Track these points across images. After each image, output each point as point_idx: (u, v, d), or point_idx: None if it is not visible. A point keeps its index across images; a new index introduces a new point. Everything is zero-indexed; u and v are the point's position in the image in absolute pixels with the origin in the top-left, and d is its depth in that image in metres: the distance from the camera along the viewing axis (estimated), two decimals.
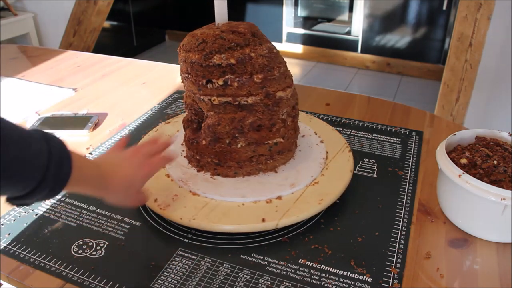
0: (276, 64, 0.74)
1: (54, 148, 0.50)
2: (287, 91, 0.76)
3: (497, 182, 0.65)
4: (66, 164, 0.51)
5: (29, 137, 0.49)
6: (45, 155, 0.49)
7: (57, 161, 0.50)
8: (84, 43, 2.74)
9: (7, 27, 2.58)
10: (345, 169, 0.78)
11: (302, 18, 3.52)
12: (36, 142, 0.49)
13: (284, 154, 0.80)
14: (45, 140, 0.50)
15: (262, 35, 0.75)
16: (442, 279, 0.61)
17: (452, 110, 2.08)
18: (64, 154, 0.51)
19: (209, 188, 0.74)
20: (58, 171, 0.50)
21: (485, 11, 1.83)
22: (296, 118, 0.81)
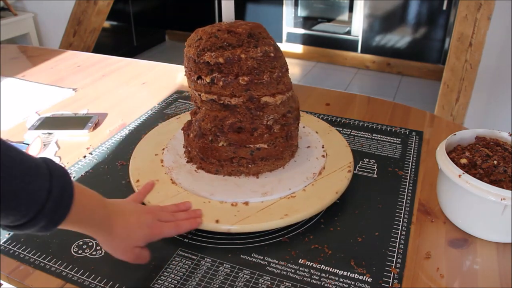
0: (268, 68, 0.72)
1: (57, 187, 0.48)
2: (276, 97, 0.73)
3: (497, 182, 0.65)
4: (65, 206, 0.49)
5: (34, 170, 0.47)
6: (44, 193, 0.47)
7: (55, 201, 0.48)
8: (84, 43, 2.74)
9: (7, 27, 2.58)
10: (330, 190, 0.73)
11: (302, 18, 3.52)
12: (39, 177, 0.47)
13: (270, 162, 0.77)
14: (50, 175, 0.48)
15: (264, 38, 0.73)
16: (442, 279, 0.61)
17: (452, 110, 2.08)
18: (66, 195, 0.49)
19: (187, 180, 0.76)
20: (54, 212, 0.48)
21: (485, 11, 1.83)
22: (289, 127, 0.77)
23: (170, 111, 1.10)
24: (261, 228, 0.67)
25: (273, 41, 0.76)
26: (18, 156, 0.46)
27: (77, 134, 0.98)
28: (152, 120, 1.05)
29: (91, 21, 2.65)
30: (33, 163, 0.47)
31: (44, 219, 0.47)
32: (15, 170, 0.45)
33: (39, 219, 0.47)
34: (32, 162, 0.47)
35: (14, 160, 0.45)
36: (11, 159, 0.45)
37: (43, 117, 1.03)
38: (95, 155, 0.91)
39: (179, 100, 1.16)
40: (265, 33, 0.75)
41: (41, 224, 0.48)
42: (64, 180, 0.50)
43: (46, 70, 1.38)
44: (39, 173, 0.47)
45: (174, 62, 1.50)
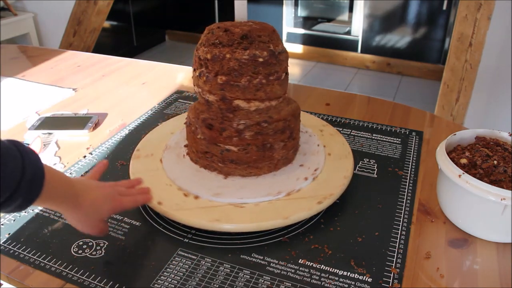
0: (249, 73, 0.71)
1: (29, 165, 0.51)
2: (250, 103, 0.72)
3: (497, 182, 0.65)
4: (38, 183, 0.52)
5: (6, 150, 0.49)
6: (18, 172, 0.49)
7: (29, 179, 0.50)
8: (84, 43, 2.74)
9: (7, 27, 2.58)
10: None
11: (302, 18, 3.52)
12: (12, 158, 0.49)
13: (241, 166, 0.76)
14: (21, 156, 0.50)
15: (261, 42, 0.71)
16: (442, 279, 0.61)
17: (452, 110, 2.08)
18: (38, 172, 0.52)
19: (170, 162, 0.82)
20: (29, 189, 0.51)
21: (485, 11, 1.83)
22: (265, 138, 0.74)
23: (170, 111, 1.10)
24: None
25: (275, 47, 0.72)
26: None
27: (77, 134, 0.98)
28: (152, 120, 1.05)
29: (91, 21, 2.65)
30: (3, 145, 0.49)
31: (20, 198, 0.50)
32: None
33: (15, 198, 0.49)
34: (2, 144, 0.49)
35: None
36: None
37: (43, 117, 1.03)
38: (95, 155, 0.91)
39: (179, 100, 1.16)
40: (266, 37, 0.72)
41: (17, 203, 0.50)
42: (35, 159, 0.52)
43: (46, 70, 1.38)
44: (10, 154, 0.49)
45: (174, 62, 1.50)
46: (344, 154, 0.83)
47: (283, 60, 0.75)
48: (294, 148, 0.81)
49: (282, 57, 0.75)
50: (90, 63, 1.43)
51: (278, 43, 0.74)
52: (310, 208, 0.70)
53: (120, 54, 1.62)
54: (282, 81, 0.75)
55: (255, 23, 0.74)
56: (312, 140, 0.88)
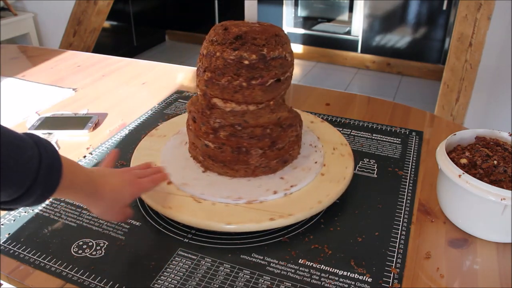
0: (231, 73, 0.70)
1: (46, 154, 0.50)
2: (227, 103, 0.72)
3: (497, 182, 0.65)
4: (56, 171, 0.51)
5: (21, 141, 0.48)
6: (35, 161, 0.48)
7: (47, 167, 0.49)
8: (84, 43, 2.74)
9: (7, 27, 2.58)
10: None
11: (302, 18, 3.52)
12: (28, 148, 0.48)
13: (217, 164, 0.76)
14: (37, 145, 0.50)
15: (254, 45, 0.69)
16: (442, 279, 0.61)
17: (452, 110, 2.08)
18: (56, 161, 0.51)
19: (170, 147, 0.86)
20: (48, 178, 0.50)
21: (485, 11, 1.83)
22: (239, 141, 0.74)
23: (170, 111, 1.10)
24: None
25: (269, 51, 0.70)
26: (3, 129, 0.47)
27: (77, 134, 0.98)
28: (152, 120, 1.05)
29: (91, 21, 2.65)
30: (17, 135, 0.49)
31: (40, 187, 0.49)
32: (4, 142, 0.46)
33: (35, 188, 0.49)
34: (17, 134, 0.49)
35: (3, 133, 0.47)
36: None
37: (43, 117, 1.03)
38: (95, 155, 0.91)
39: (179, 100, 1.16)
40: (262, 41, 0.70)
41: (37, 194, 0.49)
42: (50, 148, 0.51)
43: (46, 70, 1.38)
44: (25, 143, 0.49)
45: (174, 62, 1.50)
46: (337, 178, 0.77)
47: (275, 66, 0.71)
48: (280, 158, 0.77)
49: (275, 63, 0.71)
50: (90, 63, 1.43)
51: (275, 48, 0.71)
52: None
53: (120, 54, 1.62)
54: (268, 88, 0.72)
55: (260, 25, 0.73)
56: (314, 156, 0.82)
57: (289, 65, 0.75)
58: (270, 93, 0.73)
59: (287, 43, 0.75)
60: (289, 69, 0.76)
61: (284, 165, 0.79)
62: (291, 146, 0.79)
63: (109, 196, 0.61)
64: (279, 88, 0.74)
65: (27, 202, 0.50)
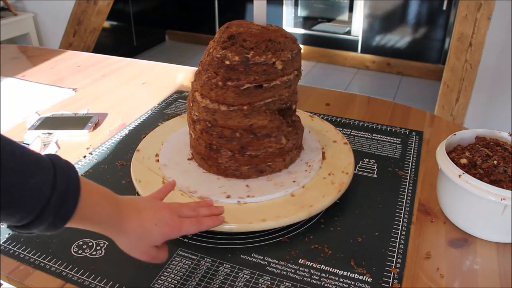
0: (211, 71, 0.72)
1: (61, 180, 0.46)
2: (203, 99, 0.73)
3: (497, 182, 0.65)
4: (71, 200, 0.47)
5: (35, 164, 0.45)
6: (48, 187, 0.45)
7: (60, 195, 0.45)
8: (84, 43, 2.74)
9: (7, 27, 2.58)
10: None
11: (302, 18, 3.52)
12: (41, 172, 0.45)
13: (197, 155, 0.80)
14: (54, 169, 0.46)
15: (243, 47, 0.69)
16: (442, 279, 0.61)
17: (452, 110, 2.08)
18: (71, 188, 0.47)
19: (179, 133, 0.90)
20: (61, 206, 0.46)
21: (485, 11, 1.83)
22: (209, 138, 0.75)
23: (170, 111, 1.10)
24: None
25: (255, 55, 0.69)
26: (19, 150, 0.44)
27: (77, 134, 0.98)
28: (152, 120, 1.05)
29: (91, 21, 2.65)
30: (34, 157, 0.45)
31: (51, 216, 0.45)
32: (15, 164, 0.43)
33: (46, 216, 0.45)
34: (33, 156, 0.45)
35: (14, 154, 0.43)
36: (11, 153, 0.43)
37: (43, 117, 1.03)
38: (95, 155, 0.91)
39: (179, 100, 1.16)
40: (251, 44, 0.69)
41: (48, 221, 0.45)
42: (69, 174, 0.47)
43: (46, 70, 1.38)
44: (41, 167, 0.45)
45: (174, 62, 1.50)
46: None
47: (256, 72, 0.69)
48: (253, 166, 0.75)
49: (258, 68, 0.69)
50: (90, 63, 1.43)
51: (263, 54, 0.69)
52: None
53: (120, 54, 1.62)
54: (243, 91, 0.70)
55: (264, 27, 0.73)
56: (299, 175, 0.77)
57: (276, 74, 0.71)
58: (245, 97, 0.71)
59: (283, 50, 0.71)
60: (277, 77, 0.71)
61: (259, 175, 0.77)
62: (270, 158, 0.76)
63: (134, 232, 0.54)
64: (259, 95, 0.71)
65: (39, 228, 0.46)
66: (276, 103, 0.74)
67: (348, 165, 0.79)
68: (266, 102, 0.72)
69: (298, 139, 0.80)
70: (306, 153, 0.83)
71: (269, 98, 0.72)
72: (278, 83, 0.72)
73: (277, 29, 0.74)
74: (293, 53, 0.73)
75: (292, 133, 0.77)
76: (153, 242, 0.56)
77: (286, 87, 0.74)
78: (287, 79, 0.73)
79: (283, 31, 0.74)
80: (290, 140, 0.77)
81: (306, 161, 0.81)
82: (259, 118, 0.72)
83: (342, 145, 0.86)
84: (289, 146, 0.77)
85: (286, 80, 0.73)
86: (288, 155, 0.78)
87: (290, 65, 0.73)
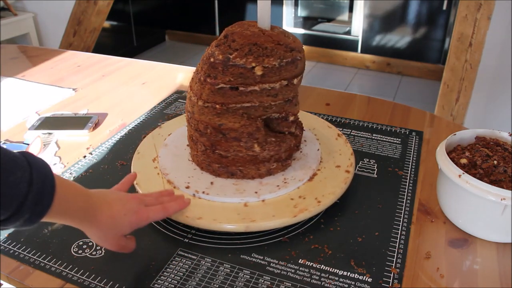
0: (200, 66, 0.75)
1: (37, 178, 0.48)
2: (190, 91, 0.77)
3: (497, 182, 0.65)
4: (47, 197, 0.49)
5: (13, 162, 0.46)
6: (25, 185, 0.46)
7: (36, 192, 0.47)
8: (84, 43, 2.74)
9: (7, 27, 2.58)
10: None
11: (302, 18, 3.52)
12: (18, 170, 0.46)
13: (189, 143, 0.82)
14: (30, 167, 0.48)
15: (230, 47, 0.70)
16: (442, 279, 0.61)
17: (452, 110, 2.08)
18: (47, 186, 0.49)
19: None
20: (37, 204, 0.48)
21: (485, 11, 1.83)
22: (190, 127, 0.78)
23: (170, 111, 1.10)
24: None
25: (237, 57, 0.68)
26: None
27: (77, 134, 0.98)
28: (152, 120, 1.05)
29: (91, 21, 2.65)
30: (10, 155, 0.47)
31: (27, 212, 0.47)
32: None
33: (22, 212, 0.47)
34: (9, 154, 0.47)
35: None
36: None
37: (43, 117, 1.03)
38: (95, 155, 0.91)
39: (179, 100, 1.16)
40: (238, 45, 0.69)
41: (24, 217, 0.47)
42: (45, 172, 0.49)
43: (46, 70, 1.38)
44: (18, 165, 0.47)
45: (174, 62, 1.50)
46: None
47: (232, 74, 0.69)
48: (222, 166, 0.75)
49: (234, 70, 0.68)
50: (90, 63, 1.43)
51: (244, 57, 0.68)
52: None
53: (120, 54, 1.62)
54: (217, 90, 0.70)
55: (260, 31, 0.71)
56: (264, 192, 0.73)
57: (254, 79, 0.69)
58: (219, 97, 0.70)
59: (269, 56, 0.68)
60: (255, 83, 0.69)
61: (230, 176, 0.76)
62: (240, 163, 0.75)
63: (105, 223, 0.57)
64: (233, 97, 0.70)
65: (15, 224, 0.48)
66: (258, 110, 0.72)
67: (328, 194, 0.72)
68: (244, 106, 0.71)
69: (279, 152, 0.76)
70: (294, 169, 0.78)
71: (246, 103, 0.71)
72: (256, 89, 0.70)
73: (273, 34, 0.70)
74: (282, 62, 0.69)
75: (272, 144, 0.74)
76: (123, 232, 0.60)
77: (269, 95, 0.71)
78: (270, 87, 0.70)
79: (280, 37, 0.71)
80: (266, 150, 0.74)
81: (286, 177, 0.76)
82: (231, 120, 0.72)
83: (343, 172, 0.78)
84: (264, 156, 0.74)
85: (269, 88, 0.70)
86: (263, 165, 0.75)
87: (276, 73, 0.70)
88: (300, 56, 0.73)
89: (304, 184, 0.75)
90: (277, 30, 0.73)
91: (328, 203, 0.72)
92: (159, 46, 4.04)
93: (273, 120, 0.76)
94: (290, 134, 0.78)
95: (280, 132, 0.77)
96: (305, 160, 0.81)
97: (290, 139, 0.77)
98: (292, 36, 0.74)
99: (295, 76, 0.73)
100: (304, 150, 0.84)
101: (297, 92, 0.76)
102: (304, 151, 0.84)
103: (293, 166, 0.80)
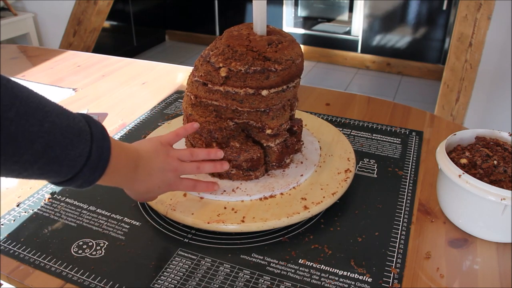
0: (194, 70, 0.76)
1: (96, 152, 0.51)
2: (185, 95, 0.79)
3: (497, 182, 0.65)
4: (99, 170, 0.52)
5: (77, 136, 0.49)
6: (83, 159, 0.50)
7: (91, 166, 0.51)
8: (84, 43, 2.74)
9: (7, 27, 2.58)
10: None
11: (302, 18, 3.52)
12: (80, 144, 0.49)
13: None
14: (91, 140, 0.51)
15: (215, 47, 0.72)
16: (442, 279, 0.61)
17: (452, 110, 2.08)
18: (102, 159, 0.52)
19: None
20: (89, 175, 0.52)
21: (485, 11, 1.83)
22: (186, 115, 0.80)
23: (170, 111, 1.10)
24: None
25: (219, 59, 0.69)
26: (65, 122, 0.48)
27: None
28: (152, 120, 1.05)
29: (91, 21, 2.65)
30: (77, 129, 0.49)
31: (80, 180, 0.51)
32: (61, 137, 0.47)
33: (76, 180, 0.51)
34: (76, 128, 0.49)
35: (61, 127, 0.47)
36: (59, 126, 0.47)
37: None
38: None
39: (179, 100, 1.16)
40: (222, 45, 0.71)
41: (77, 184, 0.52)
42: (103, 145, 0.52)
43: (46, 70, 1.38)
44: (81, 139, 0.49)
45: (174, 62, 1.50)
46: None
47: (203, 70, 0.72)
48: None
49: (204, 67, 0.72)
50: (90, 63, 1.43)
51: (216, 56, 0.70)
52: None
53: (120, 54, 1.62)
54: (192, 83, 0.75)
55: (249, 34, 0.72)
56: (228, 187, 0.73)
57: (218, 79, 0.69)
58: (193, 88, 0.75)
59: (237, 61, 0.68)
60: (219, 84, 0.70)
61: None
62: None
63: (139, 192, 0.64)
64: (203, 92, 0.73)
65: (68, 186, 0.52)
66: (227, 111, 0.72)
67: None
68: (214, 103, 0.73)
69: (238, 160, 0.73)
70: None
71: (214, 101, 0.72)
72: (220, 90, 0.70)
73: (255, 39, 0.70)
74: (250, 69, 0.68)
75: (233, 149, 0.73)
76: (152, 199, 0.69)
77: (234, 99, 0.70)
78: (234, 91, 0.69)
79: (260, 43, 0.69)
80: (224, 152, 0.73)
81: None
82: (199, 113, 0.74)
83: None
84: (228, 159, 0.73)
85: (233, 92, 0.69)
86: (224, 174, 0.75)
87: (241, 78, 0.68)
88: (276, 68, 0.69)
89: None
90: (270, 36, 0.72)
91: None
92: (159, 46, 4.04)
93: (252, 127, 0.74)
94: (268, 147, 0.75)
95: (259, 143, 0.75)
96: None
97: (256, 152, 0.73)
98: (281, 49, 0.70)
99: (264, 87, 0.69)
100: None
101: (275, 105, 0.72)
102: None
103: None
